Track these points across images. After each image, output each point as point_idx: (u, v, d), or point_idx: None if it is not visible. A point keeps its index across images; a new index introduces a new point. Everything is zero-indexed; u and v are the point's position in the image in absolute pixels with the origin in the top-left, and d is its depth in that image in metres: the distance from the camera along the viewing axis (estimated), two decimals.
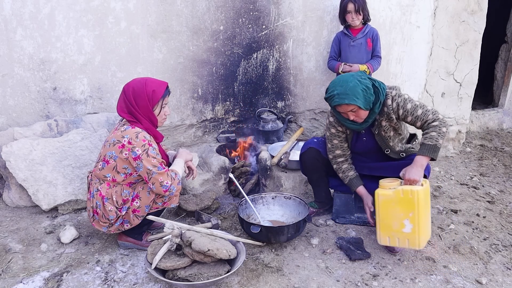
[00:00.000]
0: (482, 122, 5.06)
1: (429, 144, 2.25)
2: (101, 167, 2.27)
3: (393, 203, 2.21)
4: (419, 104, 2.35)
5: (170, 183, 2.23)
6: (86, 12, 3.01)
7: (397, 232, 2.25)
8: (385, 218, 2.28)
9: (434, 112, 2.32)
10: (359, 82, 2.27)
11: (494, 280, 2.29)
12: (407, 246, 2.27)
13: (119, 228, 2.35)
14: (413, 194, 2.15)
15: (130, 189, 2.29)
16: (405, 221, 2.20)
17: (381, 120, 2.43)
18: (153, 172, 2.18)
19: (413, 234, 2.21)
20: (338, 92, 2.26)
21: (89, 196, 2.34)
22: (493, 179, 3.73)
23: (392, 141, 2.49)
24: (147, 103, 2.22)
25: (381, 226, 2.31)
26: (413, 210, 2.17)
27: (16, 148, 2.79)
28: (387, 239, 2.31)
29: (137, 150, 2.17)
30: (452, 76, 4.25)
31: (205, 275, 2.07)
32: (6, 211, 2.94)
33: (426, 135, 2.29)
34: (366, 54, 3.38)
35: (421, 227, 2.20)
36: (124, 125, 2.25)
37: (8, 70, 2.95)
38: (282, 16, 3.56)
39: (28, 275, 2.25)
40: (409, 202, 2.17)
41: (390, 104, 2.35)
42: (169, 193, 2.26)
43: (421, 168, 2.25)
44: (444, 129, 2.27)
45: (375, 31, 3.37)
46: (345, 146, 2.63)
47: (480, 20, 4.15)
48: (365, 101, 2.28)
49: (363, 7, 3.25)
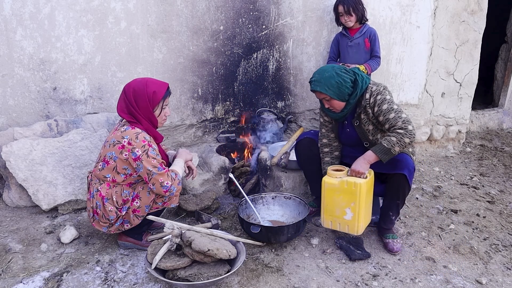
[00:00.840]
0: (482, 122, 5.06)
1: (384, 146, 2.30)
2: (101, 168, 2.27)
3: (338, 192, 2.38)
4: (396, 109, 2.36)
5: (170, 184, 2.23)
6: (86, 12, 3.01)
7: (338, 218, 2.45)
8: (329, 204, 2.46)
9: (405, 121, 2.32)
10: (336, 74, 2.35)
11: (494, 280, 2.29)
12: (346, 231, 2.46)
13: (119, 228, 2.35)
14: (356, 187, 2.31)
15: (130, 189, 2.29)
16: (347, 209, 2.39)
17: (359, 112, 2.48)
18: (153, 172, 2.18)
19: (353, 222, 2.40)
20: (314, 79, 2.40)
21: (89, 197, 2.34)
22: (493, 179, 3.73)
23: (372, 135, 2.50)
24: (148, 104, 2.22)
25: (325, 211, 2.50)
26: (354, 201, 2.34)
27: (16, 148, 2.79)
28: (329, 223, 2.51)
29: (137, 151, 2.16)
30: (452, 76, 4.25)
31: (205, 275, 2.07)
32: (6, 211, 2.94)
33: (387, 137, 2.33)
34: (365, 54, 3.37)
35: (360, 216, 2.38)
36: (124, 126, 2.25)
37: (8, 70, 2.95)
38: (282, 16, 3.56)
39: (28, 275, 2.25)
40: (352, 193, 2.33)
41: (368, 98, 2.40)
42: (169, 194, 2.25)
43: (368, 163, 2.36)
44: (407, 140, 2.28)
45: (373, 31, 3.35)
46: (331, 136, 2.68)
47: (480, 20, 4.15)
48: (338, 93, 2.36)
49: (354, 8, 3.21)
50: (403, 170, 2.34)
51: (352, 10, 3.22)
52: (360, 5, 3.26)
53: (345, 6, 3.22)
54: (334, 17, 3.42)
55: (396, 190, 2.44)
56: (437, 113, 4.31)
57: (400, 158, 2.40)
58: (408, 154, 2.48)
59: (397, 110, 2.35)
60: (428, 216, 3.01)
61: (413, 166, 2.41)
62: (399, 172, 2.35)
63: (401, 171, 2.35)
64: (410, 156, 2.46)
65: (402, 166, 2.36)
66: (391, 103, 2.37)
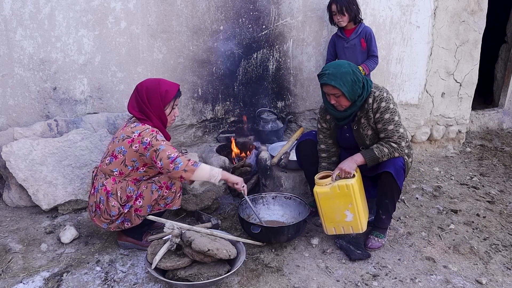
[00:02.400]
0: (482, 122, 5.06)
1: (375, 153, 2.39)
2: (108, 162, 2.29)
3: (332, 198, 2.38)
4: (396, 121, 2.39)
5: (176, 155, 2.19)
6: (86, 12, 3.01)
7: (340, 222, 2.45)
8: (327, 212, 2.45)
9: (401, 137, 2.39)
10: (353, 72, 2.34)
11: (494, 280, 2.29)
12: (351, 232, 2.47)
13: (119, 226, 2.35)
14: (348, 188, 2.32)
15: (135, 186, 2.30)
16: (346, 211, 2.39)
17: (360, 116, 2.47)
18: (161, 146, 2.19)
19: (355, 221, 2.41)
20: (329, 72, 2.34)
21: (93, 191, 2.34)
22: (493, 179, 3.73)
23: (369, 140, 2.50)
24: (160, 102, 2.28)
25: (325, 219, 2.49)
26: (351, 201, 2.36)
27: (16, 148, 2.79)
28: (333, 229, 2.50)
29: (146, 139, 2.20)
30: (452, 76, 4.25)
31: (205, 275, 2.07)
32: (6, 211, 2.94)
33: (380, 145, 2.40)
34: (361, 55, 3.36)
35: (361, 214, 2.40)
36: (134, 123, 2.30)
37: (8, 70, 2.95)
38: (282, 16, 3.56)
39: (28, 275, 2.25)
40: (346, 195, 2.35)
41: (371, 103, 2.41)
42: (174, 167, 2.17)
43: (355, 163, 2.41)
44: (397, 154, 2.40)
45: (368, 30, 3.33)
46: (329, 142, 2.68)
47: (480, 20, 4.15)
48: (351, 91, 2.33)
49: (347, 8, 3.19)
50: (389, 168, 2.38)
51: (345, 9, 3.20)
52: (354, 5, 3.23)
53: (338, 5, 3.20)
54: (328, 16, 3.42)
55: (384, 189, 2.47)
56: (437, 113, 4.31)
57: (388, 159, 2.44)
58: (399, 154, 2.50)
59: (396, 123, 2.39)
60: (428, 216, 3.01)
61: (400, 165, 2.42)
62: (385, 170, 2.39)
63: (386, 169, 2.38)
64: (401, 156, 2.47)
65: (388, 164, 2.40)
66: (393, 114, 2.39)
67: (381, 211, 2.53)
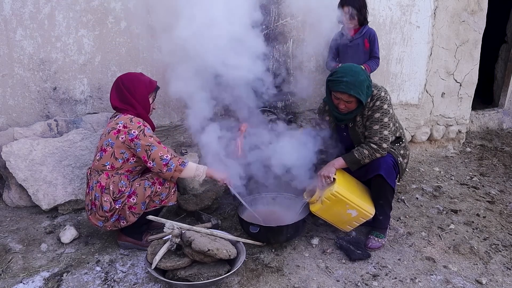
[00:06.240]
0: (482, 122, 5.06)
1: (355, 156, 2.44)
2: (99, 158, 2.32)
3: (328, 208, 2.45)
4: (384, 123, 2.40)
5: (169, 157, 2.27)
6: (86, 12, 3.01)
7: (350, 220, 2.51)
8: (334, 220, 2.54)
9: (382, 138, 2.40)
10: (367, 78, 2.35)
11: (494, 280, 2.29)
12: (365, 220, 2.51)
13: (115, 225, 2.35)
14: (335, 195, 2.38)
15: (127, 181, 2.32)
16: (348, 211, 2.44)
17: (356, 115, 2.48)
18: (153, 147, 2.24)
19: (361, 213, 2.45)
20: (347, 80, 2.29)
21: (88, 190, 2.36)
22: (493, 179, 3.73)
23: (364, 139, 2.52)
24: (145, 90, 2.38)
25: (336, 224, 2.58)
26: (346, 203, 2.40)
27: (16, 148, 2.79)
28: (348, 226, 2.57)
29: (133, 131, 2.24)
30: (452, 76, 4.25)
31: (205, 275, 2.07)
32: (6, 211, 2.94)
33: (360, 148, 2.44)
34: (364, 55, 3.37)
35: (362, 205, 2.43)
36: (116, 115, 2.36)
37: (8, 70, 2.95)
38: (282, 16, 3.56)
39: (28, 275, 2.25)
40: (338, 201, 2.40)
41: (369, 101, 2.42)
42: (167, 169, 2.28)
43: (333, 167, 2.49)
44: (379, 155, 2.44)
45: (373, 31, 3.34)
46: None
47: (480, 20, 4.15)
48: (366, 98, 2.36)
49: (358, 12, 3.18)
50: (380, 171, 2.40)
51: (356, 14, 3.21)
52: (364, 9, 3.26)
53: (350, 8, 3.21)
54: (338, 14, 3.39)
55: (376, 191, 2.50)
56: (437, 113, 4.31)
57: (376, 159, 2.45)
58: (391, 154, 2.49)
59: (384, 124, 2.40)
60: (428, 216, 3.01)
61: (390, 163, 2.43)
62: (376, 173, 2.41)
63: (377, 172, 2.41)
64: (392, 156, 2.47)
65: (378, 167, 2.41)
66: (384, 115, 2.40)
67: (377, 212, 2.54)
